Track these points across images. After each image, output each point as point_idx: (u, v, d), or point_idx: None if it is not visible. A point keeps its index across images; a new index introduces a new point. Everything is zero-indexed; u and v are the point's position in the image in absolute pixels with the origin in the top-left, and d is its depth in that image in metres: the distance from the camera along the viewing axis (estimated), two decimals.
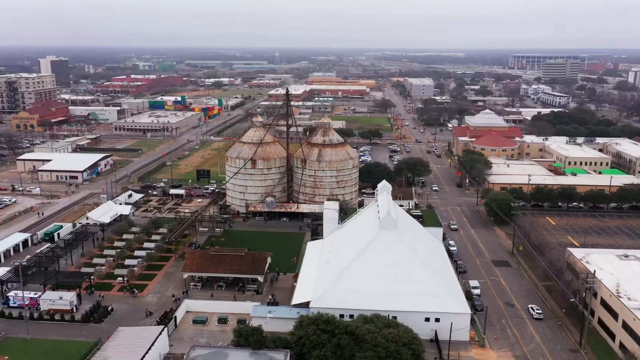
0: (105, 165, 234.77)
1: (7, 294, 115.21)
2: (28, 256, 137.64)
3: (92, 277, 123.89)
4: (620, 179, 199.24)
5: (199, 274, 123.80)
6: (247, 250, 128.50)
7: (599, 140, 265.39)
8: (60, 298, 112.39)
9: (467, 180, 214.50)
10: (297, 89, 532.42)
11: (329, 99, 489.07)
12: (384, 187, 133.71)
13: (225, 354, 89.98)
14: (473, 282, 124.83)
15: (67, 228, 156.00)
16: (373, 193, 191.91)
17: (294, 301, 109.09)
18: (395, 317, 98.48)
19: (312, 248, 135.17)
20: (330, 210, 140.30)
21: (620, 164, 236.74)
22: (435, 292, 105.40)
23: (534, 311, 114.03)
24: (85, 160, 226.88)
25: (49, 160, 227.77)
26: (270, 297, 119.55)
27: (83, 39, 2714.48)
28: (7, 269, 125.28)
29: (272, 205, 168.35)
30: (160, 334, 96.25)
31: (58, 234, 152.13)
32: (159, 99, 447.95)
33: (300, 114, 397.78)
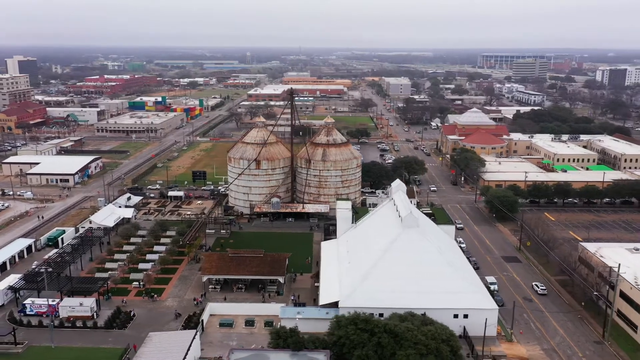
0: (95, 167, 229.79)
1: (24, 302, 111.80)
2: (36, 262, 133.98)
3: (108, 282, 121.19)
4: (609, 175, 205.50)
5: (219, 276, 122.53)
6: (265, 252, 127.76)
7: (583, 137, 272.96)
8: (81, 304, 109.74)
9: (463, 178, 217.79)
10: (276, 89, 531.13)
11: (310, 98, 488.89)
12: (399, 186, 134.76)
13: (266, 356, 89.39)
14: (490, 278, 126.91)
15: (70, 233, 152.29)
16: (372, 192, 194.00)
17: (322, 301, 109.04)
18: (423, 315, 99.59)
19: (327, 248, 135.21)
20: (343, 210, 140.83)
21: (605, 160, 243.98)
22: (461, 289, 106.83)
23: (539, 287, 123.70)
24: (76, 163, 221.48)
25: (37, 164, 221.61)
26: (292, 297, 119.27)
27: (44, 38, 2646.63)
28: (18, 275, 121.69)
29: (277, 205, 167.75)
30: (194, 338, 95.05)
31: (62, 239, 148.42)
32: (138, 99, 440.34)
33: (283, 114, 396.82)
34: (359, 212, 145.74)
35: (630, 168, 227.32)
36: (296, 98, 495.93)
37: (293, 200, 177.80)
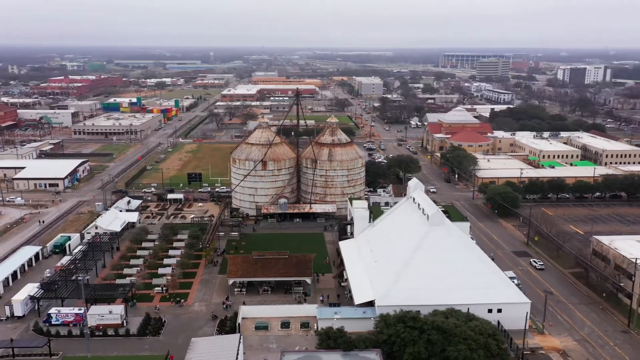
0: (83, 171, 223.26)
1: (49, 312, 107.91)
2: (48, 270, 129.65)
3: (132, 289, 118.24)
4: (596, 170, 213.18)
5: (245, 279, 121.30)
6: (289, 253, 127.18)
7: (563, 134, 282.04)
8: (110, 312, 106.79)
9: (457, 176, 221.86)
10: (249, 89, 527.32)
11: (285, 98, 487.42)
12: (417, 185, 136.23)
13: (318, 357, 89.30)
14: (509, 273, 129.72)
15: (75, 239, 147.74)
16: (371, 190, 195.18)
17: (357, 301, 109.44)
18: (467, 311, 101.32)
19: (347, 247, 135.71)
20: (360, 210, 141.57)
21: (587, 156, 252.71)
22: (493, 284, 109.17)
23: (537, 263, 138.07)
24: (64, 166, 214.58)
25: (22, 168, 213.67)
26: (321, 298, 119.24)
27: None
28: (35, 284, 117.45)
29: (285, 206, 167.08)
30: (240, 342, 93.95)
31: (69, 246, 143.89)
32: (111, 100, 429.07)
33: (261, 114, 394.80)
34: (372, 211, 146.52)
35: (611, 163, 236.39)
36: (271, 98, 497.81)
37: (298, 200, 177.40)
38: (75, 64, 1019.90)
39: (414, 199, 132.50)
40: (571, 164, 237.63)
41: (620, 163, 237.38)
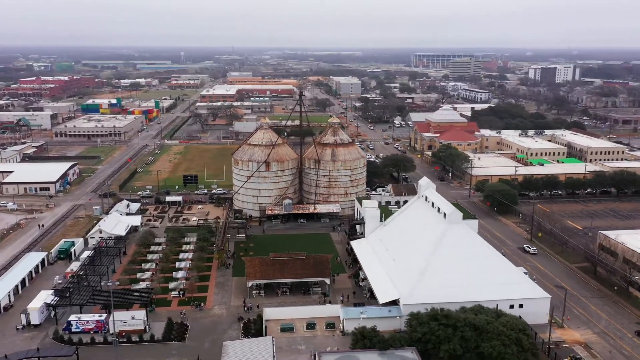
0: (73, 174, 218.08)
1: (69, 319, 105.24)
2: (57, 277, 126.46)
3: (151, 294, 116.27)
4: (582, 167, 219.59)
5: (264, 280, 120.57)
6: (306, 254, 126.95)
7: (547, 132, 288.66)
8: (133, 318, 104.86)
9: (450, 174, 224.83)
10: (228, 89, 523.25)
11: (265, 98, 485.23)
12: (429, 184, 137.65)
13: (356, 357, 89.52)
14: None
15: (79, 244, 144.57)
16: (369, 190, 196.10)
17: (381, 300, 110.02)
18: (496, 307, 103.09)
19: (360, 247, 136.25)
20: (371, 209, 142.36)
21: (572, 153, 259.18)
22: (512, 280, 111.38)
23: (530, 248, 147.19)
24: (54, 170, 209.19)
25: (10, 172, 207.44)
26: (340, 298, 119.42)
27: None
28: (49, 292, 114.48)
29: (289, 207, 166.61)
30: (273, 344, 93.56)
31: (74, 251, 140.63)
32: (90, 101, 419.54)
33: (244, 114, 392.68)
34: (382, 210, 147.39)
35: (596, 160, 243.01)
36: (251, 98, 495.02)
37: (301, 201, 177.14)
38: (42, 64, 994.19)
39: (426, 197, 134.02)
40: (558, 161, 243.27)
41: (605, 160, 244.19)
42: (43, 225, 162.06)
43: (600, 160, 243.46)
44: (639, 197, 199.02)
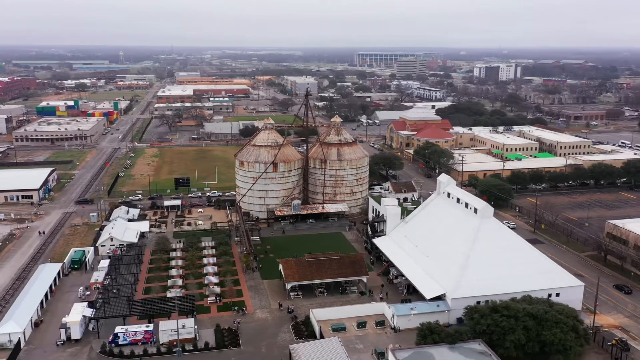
0: (52, 181, 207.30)
1: (115, 331, 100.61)
2: (81, 288, 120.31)
3: (194, 301, 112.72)
4: (559, 161, 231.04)
5: (303, 282, 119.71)
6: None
7: (515, 128, 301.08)
8: (184, 326, 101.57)
9: (437, 171, 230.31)
10: (184, 89, 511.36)
11: (226, 99, 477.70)
12: (449, 181, 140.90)
13: (428, 352, 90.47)
14: None
15: (91, 253, 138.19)
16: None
17: (428, 296, 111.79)
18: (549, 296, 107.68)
19: (385, 245, 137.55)
20: (392, 207, 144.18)
21: (542, 148, 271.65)
22: (547, 269, 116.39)
23: (509, 223, 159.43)
24: (35, 176, 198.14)
25: None
26: (380, 295, 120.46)
27: None
28: (83, 305, 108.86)
29: (298, 208, 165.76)
30: (342, 345, 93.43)
31: (88, 261, 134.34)
32: (45, 104, 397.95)
33: (208, 115, 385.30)
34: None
35: (566, 154, 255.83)
36: (212, 99, 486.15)
37: (307, 201, 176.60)
38: None
39: (448, 194, 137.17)
40: (533, 156, 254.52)
41: (573, 154, 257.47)
42: (44, 232, 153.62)
43: (569, 154, 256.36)
44: (614, 188, 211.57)
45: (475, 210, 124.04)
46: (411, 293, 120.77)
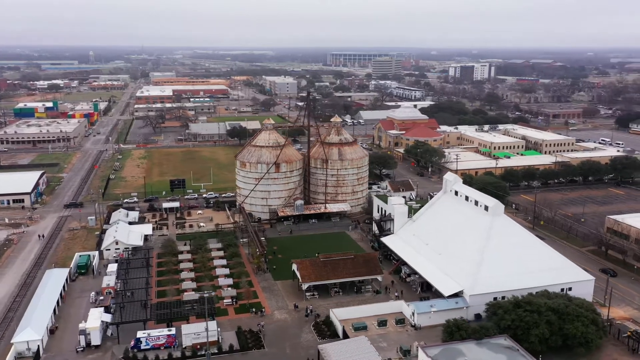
0: (42, 184, 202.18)
1: (137, 336, 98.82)
2: (93, 293, 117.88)
3: (213, 303, 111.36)
4: (547, 159, 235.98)
5: (319, 282, 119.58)
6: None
7: (500, 127, 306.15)
8: (206, 329, 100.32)
9: (430, 169, 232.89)
10: (163, 90, 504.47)
11: (207, 99, 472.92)
12: (456, 179, 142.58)
13: (457, 348, 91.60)
14: None
15: (96, 258, 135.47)
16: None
17: (446, 293, 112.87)
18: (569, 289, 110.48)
19: (394, 243, 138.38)
20: (400, 206, 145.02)
21: (528, 146, 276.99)
22: (559, 265, 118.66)
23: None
24: (26, 180, 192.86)
25: None
26: (396, 294, 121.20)
27: None
28: (99, 310, 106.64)
29: (301, 208, 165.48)
30: (370, 343, 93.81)
31: (95, 265, 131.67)
32: (22, 105, 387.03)
33: (191, 116, 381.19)
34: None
35: (551, 152, 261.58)
36: (192, 99, 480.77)
37: (307, 201, 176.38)
38: None
39: (456, 192, 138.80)
40: (520, 154, 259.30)
41: (558, 151, 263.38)
42: (44, 236, 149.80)
43: (554, 151, 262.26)
44: (602, 184, 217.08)
45: (486, 208, 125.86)
46: (425, 291, 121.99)
